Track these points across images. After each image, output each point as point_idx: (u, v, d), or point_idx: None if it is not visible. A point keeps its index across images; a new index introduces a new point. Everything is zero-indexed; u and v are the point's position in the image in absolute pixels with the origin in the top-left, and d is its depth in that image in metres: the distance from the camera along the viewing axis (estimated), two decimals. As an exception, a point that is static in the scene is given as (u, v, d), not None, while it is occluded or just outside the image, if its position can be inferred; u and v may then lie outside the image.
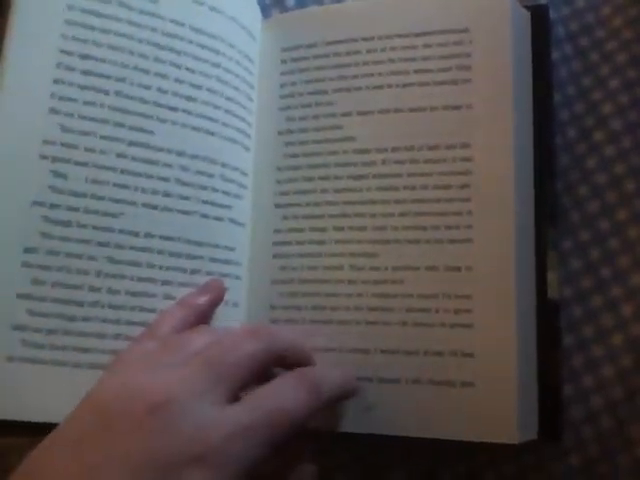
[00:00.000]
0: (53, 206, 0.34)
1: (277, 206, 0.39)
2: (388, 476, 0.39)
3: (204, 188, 0.37)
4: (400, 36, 0.38)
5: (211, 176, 0.37)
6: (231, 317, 0.37)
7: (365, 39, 0.39)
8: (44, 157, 0.34)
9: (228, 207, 0.38)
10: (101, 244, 0.34)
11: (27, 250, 0.33)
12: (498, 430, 0.34)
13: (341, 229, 0.37)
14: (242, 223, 0.38)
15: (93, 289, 0.34)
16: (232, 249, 0.38)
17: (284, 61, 0.40)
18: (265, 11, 0.44)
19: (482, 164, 0.36)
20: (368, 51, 0.39)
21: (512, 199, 0.35)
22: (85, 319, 0.34)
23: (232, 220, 0.38)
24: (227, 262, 0.37)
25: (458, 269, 0.35)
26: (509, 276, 0.35)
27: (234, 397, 0.29)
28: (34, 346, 0.33)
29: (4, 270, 0.33)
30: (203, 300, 0.35)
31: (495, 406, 0.34)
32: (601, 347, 0.38)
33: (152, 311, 0.35)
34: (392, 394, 0.35)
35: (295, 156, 0.39)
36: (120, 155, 0.35)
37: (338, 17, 0.40)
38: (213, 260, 0.37)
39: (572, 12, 0.42)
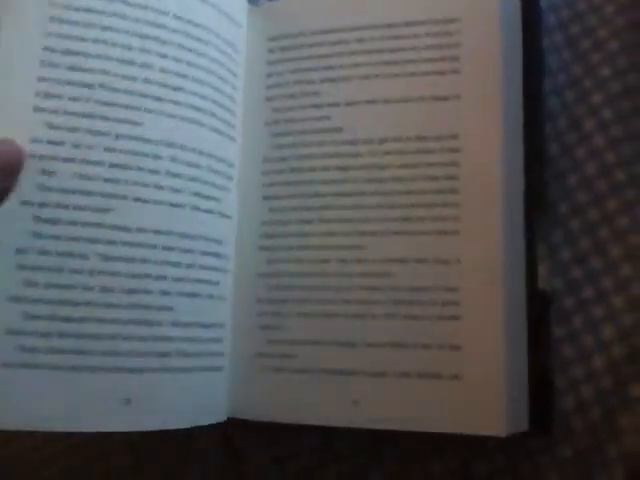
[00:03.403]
0: (42, 205, 0.33)
1: (264, 198, 0.39)
2: (382, 468, 0.39)
3: (194, 180, 0.36)
4: (389, 26, 0.38)
5: (200, 168, 0.36)
6: (219, 311, 0.37)
7: (354, 28, 0.38)
8: (31, 156, 0.33)
9: (217, 199, 0.37)
10: (92, 241, 0.33)
11: (19, 251, 0.32)
12: (486, 422, 0.33)
13: (328, 221, 0.37)
14: (229, 215, 0.38)
15: (87, 288, 0.33)
16: (220, 242, 0.37)
17: (271, 50, 0.40)
18: (255, -1, 0.43)
19: (470, 155, 0.36)
20: (356, 41, 0.38)
21: (500, 191, 0.35)
22: (80, 320, 0.33)
23: (221, 213, 0.37)
24: (217, 255, 0.37)
25: (446, 261, 0.35)
26: (497, 268, 0.34)
27: None
28: (30, 350, 0.32)
29: None
30: None
31: (483, 398, 0.34)
32: (591, 338, 0.38)
33: (148, 308, 0.34)
34: (379, 388, 0.35)
35: (282, 147, 0.39)
36: (108, 149, 0.34)
37: (326, 6, 0.39)
38: (205, 253, 0.36)
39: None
